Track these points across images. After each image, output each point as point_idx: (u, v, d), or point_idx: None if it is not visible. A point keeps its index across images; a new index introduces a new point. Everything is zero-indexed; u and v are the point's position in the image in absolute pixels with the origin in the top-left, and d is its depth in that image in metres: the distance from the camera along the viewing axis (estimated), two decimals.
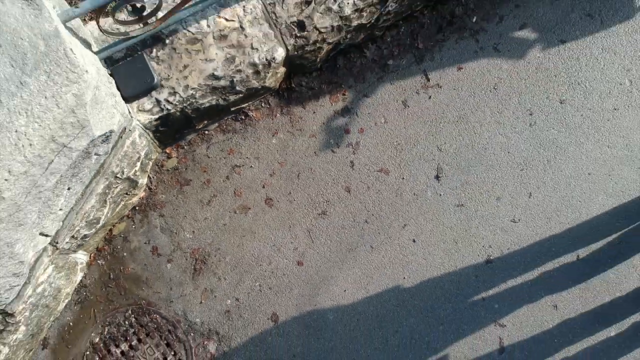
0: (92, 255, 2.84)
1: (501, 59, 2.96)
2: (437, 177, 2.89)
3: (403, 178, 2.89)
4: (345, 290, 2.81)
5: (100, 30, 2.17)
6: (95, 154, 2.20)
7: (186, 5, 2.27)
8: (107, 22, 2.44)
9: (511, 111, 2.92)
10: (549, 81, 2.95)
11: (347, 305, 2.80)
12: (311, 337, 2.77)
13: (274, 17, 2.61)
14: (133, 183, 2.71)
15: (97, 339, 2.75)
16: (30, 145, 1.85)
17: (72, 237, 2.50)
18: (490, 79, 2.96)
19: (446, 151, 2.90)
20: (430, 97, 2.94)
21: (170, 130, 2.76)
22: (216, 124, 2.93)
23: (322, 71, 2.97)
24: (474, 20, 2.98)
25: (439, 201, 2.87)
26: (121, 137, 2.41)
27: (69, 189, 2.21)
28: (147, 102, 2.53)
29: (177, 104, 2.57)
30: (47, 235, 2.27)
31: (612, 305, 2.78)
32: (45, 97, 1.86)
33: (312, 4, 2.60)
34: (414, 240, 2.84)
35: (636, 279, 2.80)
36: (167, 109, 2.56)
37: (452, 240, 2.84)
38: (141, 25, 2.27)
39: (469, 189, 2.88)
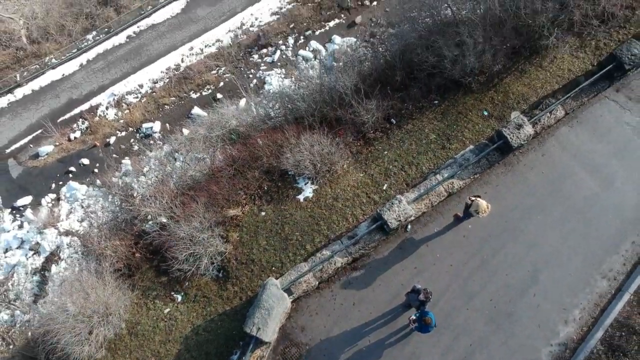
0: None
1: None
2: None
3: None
4: None
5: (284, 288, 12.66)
6: (287, 308, 12.77)
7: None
8: (284, 281, 12.88)
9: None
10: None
11: None
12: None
13: (317, 276, 12.96)
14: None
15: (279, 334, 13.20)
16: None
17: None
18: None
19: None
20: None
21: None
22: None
23: (327, 281, 13.29)
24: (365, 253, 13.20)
25: None
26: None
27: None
28: (291, 298, 12.96)
29: (300, 291, 12.95)
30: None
31: None
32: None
33: (328, 280, 12.93)
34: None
35: None
36: (294, 295, 12.96)
37: None
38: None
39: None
